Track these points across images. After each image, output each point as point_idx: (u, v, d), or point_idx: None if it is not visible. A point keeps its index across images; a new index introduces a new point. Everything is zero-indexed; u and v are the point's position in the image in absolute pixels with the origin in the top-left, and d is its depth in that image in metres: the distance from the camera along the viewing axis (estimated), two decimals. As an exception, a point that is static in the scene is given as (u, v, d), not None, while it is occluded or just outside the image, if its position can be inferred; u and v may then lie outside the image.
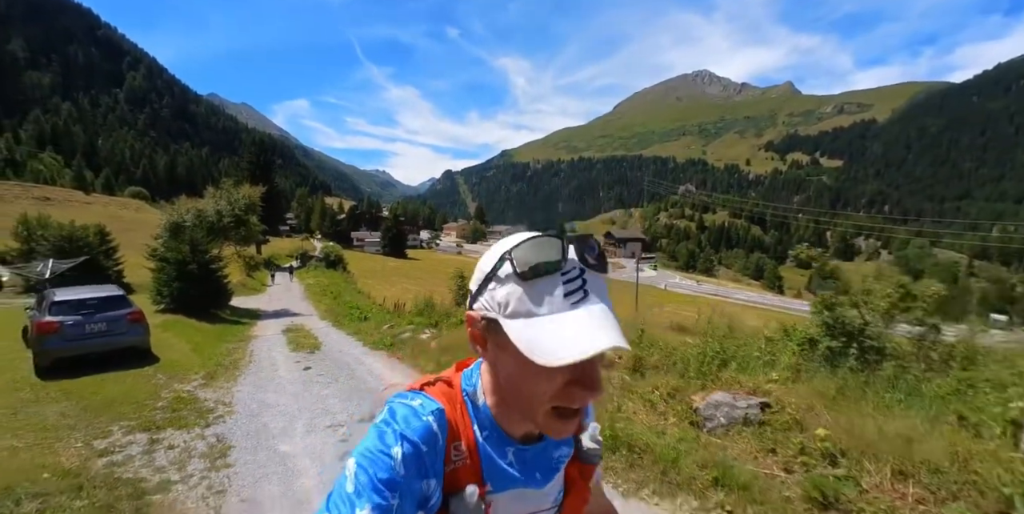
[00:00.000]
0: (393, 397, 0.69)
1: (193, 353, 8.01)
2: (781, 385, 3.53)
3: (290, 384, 6.27)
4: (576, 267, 0.59)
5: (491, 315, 0.61)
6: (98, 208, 63.30)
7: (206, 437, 4.35)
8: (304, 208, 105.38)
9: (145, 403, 5.26)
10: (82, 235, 15.48)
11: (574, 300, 0.57)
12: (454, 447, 0.66)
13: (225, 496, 3.25)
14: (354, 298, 17.88)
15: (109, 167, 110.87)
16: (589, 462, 0.81)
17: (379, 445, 0.60)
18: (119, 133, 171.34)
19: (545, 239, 0.59)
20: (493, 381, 0.68)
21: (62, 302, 6.83)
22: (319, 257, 35.14)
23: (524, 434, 0.72)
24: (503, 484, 0.70)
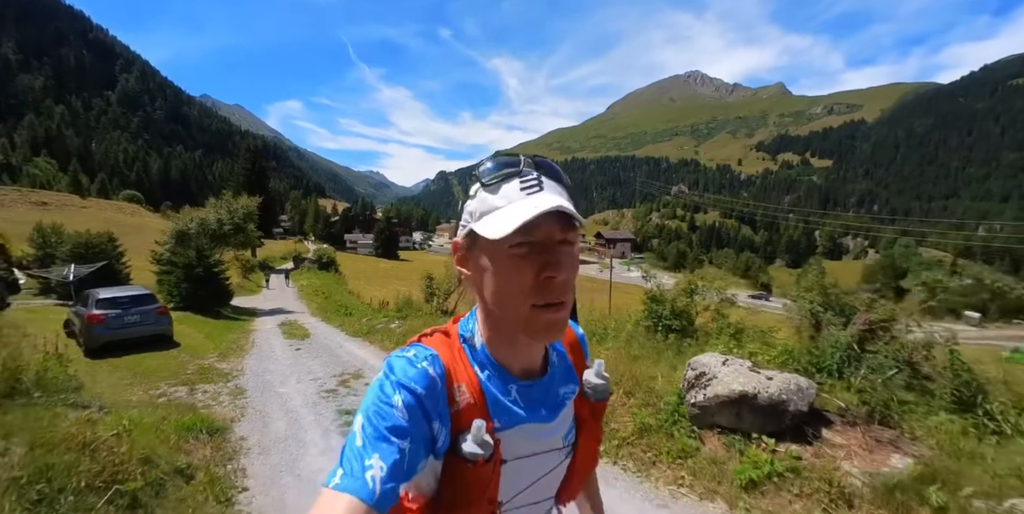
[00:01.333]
0: (391, 353, 0.72)
1: (206, 340, 9.69)
2: (614, 351, 5.07)
3: (284, 359, 8.01)
4: (533, 172, 0.66)
5: (467, 228, 0.68)
6: (95, 212, 64.15)
7: (228, 386, 6.24)
8: (298, 211, 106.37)
9: (178, 371, 6.94)
10: (97, 242, 17.03)
11: (530, 192, 0.64)
12: (457, 388, 0.69)
13: (245, 409, 5.22)
14: (343, 298, 19.29)
15: (103, 171, 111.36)
16: (598, 399, 0.82)
17: (381, 396, 0.63)
18: (112, 136, 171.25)
19: (504, 155, 0.68)
20: (481, 306, 0.72)
21: (105, 299, 8.53)
22: (312, 259, 36.20)
23: (523, 368, 0.75)
24: (509, 420, 0.71)
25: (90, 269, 14.25)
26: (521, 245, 0.62)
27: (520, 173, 0.66)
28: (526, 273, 0.62)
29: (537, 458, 0.76)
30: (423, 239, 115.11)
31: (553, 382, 0.78)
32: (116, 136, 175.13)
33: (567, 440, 0.79)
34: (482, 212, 0.66)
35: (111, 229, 36.64)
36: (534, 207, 0.60)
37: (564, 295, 0.64)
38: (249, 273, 29.20)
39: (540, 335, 0.67)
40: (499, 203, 0.64)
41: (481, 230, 0.63)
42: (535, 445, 0.75)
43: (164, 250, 17.85)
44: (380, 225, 77.77)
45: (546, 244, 0.62)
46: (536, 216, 0.59)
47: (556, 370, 0.80)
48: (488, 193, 0.66)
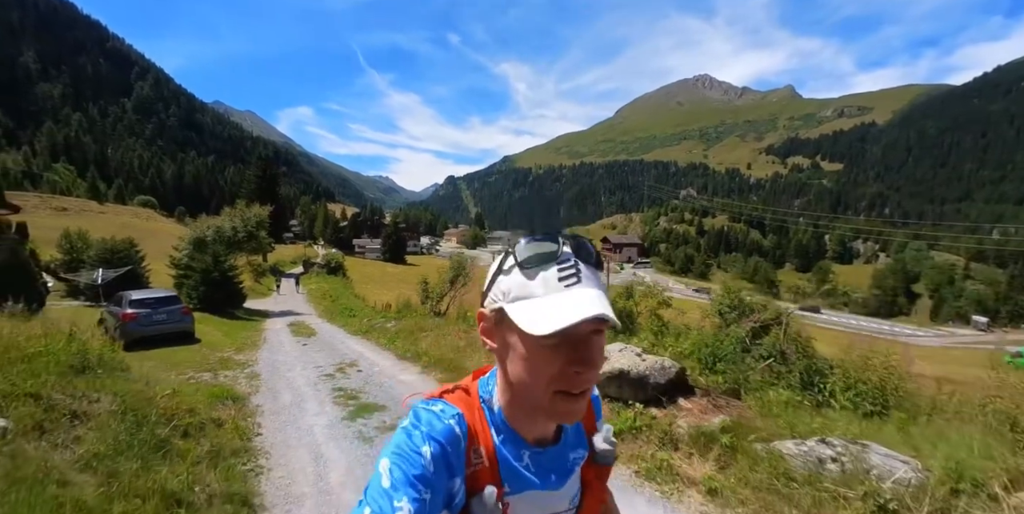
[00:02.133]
0: (416, 403, 0.75)
1: (224, 337, 10.88)
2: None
3: (292, 352, 9.29)
4: (571, 257, 0.67)
5: (498, 305, 0.68)
6: (111, 217, 66.22)
7: (244, 371, 7.48)
8: (308, 215, 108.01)
9: (202, 361, 8.13)
10: (121, 248, 18.43)
11: (568, 283, 0.64)
12: (473, 450, 0.71)
13: (259, 387, 6.41)
14: (349, 301, 20.41)
15: (119, 176, 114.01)
16: (604, 463, 0.85)
17: (410, 444, 0.65)
18: (128, 142, 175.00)
19: (543, 235, 0.69)
20: (503, 377, 0.74)
21: (136, 300, 9.78)
22: (321, 264, 37.33)
23: (537, 437, 0.77)
24: (520, 486, 0.73)
25: (117, 273, 15.51)
26: (553, 336, 0.62)
27: (558, 258, 0.66)
28: (554, 365, 0.64)
29: None
30: (431, 243, 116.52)
31: (565, 448, 0.80)
32: (131, 142, 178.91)
33: (573, 503, 0.81)
34: (517, 296, 0.66)
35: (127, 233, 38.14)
36: (575, 309, 0.61)
37: (588, 386, 0.66)
38: (261, 277, 30.46)
39: (558, 419, 0.71)
40: (536, 291, 0.65)
41: (517, 318, 0.64)
42: (542, 510, 0.77)
43: (182, 256, 19.31)
44: (388, 230, 79.08)
45: (578, 339, 0.63)
46: (578, 322, 0.60)
47: (568, 436, 0.81)
48: (524, 276, 0.66)
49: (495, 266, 0.71)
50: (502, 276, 0.69)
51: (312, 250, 64.24)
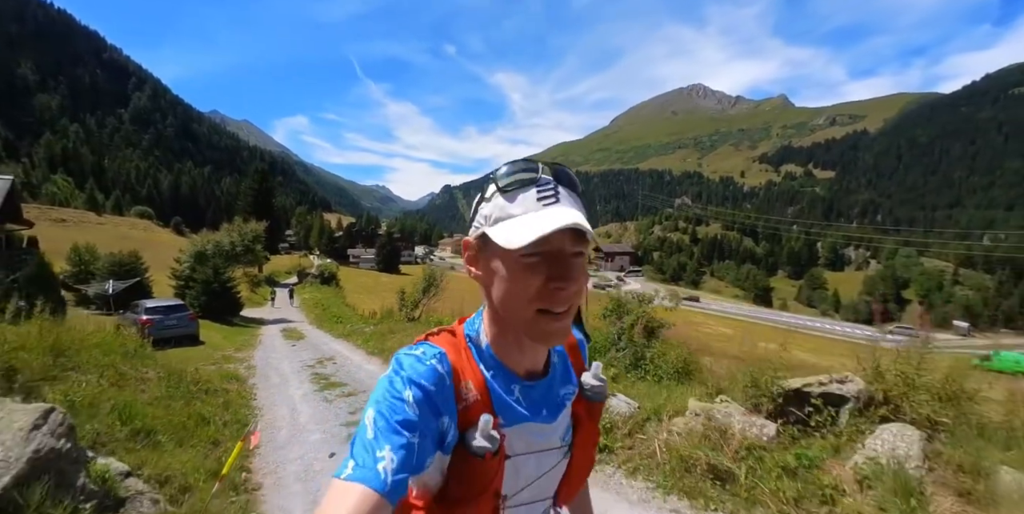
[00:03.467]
0: (399, 350, 0.75)
1: (224, 340, 12.52)
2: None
3: (283, 350, 11.12)
4: (551, 181, 0.69)
5: (480, 230, 0.71)
6: (110, 228, 67.29)
7: (243, 364, 9.18)
8: (303, 226, 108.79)
9: (208, 357, 9.74)
10: (128, 261, 20.07)
11: (546, 203, 0.67)
12: (464, 386, 0.71)
13: (255, 374, 8.07)
14: (338, 309, 21.81)
15: (116, 187, 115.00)
16: (595, 400, 0.86)
17: (391, 391, 0.66)
18: (125, 153, 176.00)
19: (523, 161, 0.70)
20: (489, 306, 0.75)
21: (151, 307, 11.51)
22: (315, 274, 38.50)
23: (527, 370, 0.78)
24: (512, 418, 0.74)
25: (127, 284, 17.07)
26: (533, 255, 0.64)
27: (538, 181, 0.68)
28: (535, 281, 0.65)
29: (537, 456, 0.78)
30: (425, 253, 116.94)
31: (554, 383, 0.81)
32: (129, 153, 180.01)
33: (564, 440, 0.82)
34: (497, 217, 0.68)
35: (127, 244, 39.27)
36: (551, 221, 0.62)
37: (569, 303, 0.67)
38: (256, 287, 31.76)
39: (542, 340, 0.71)
40: (515, 211, 0.67)
41: (495, 236, 0.66)
42: (535, 443, 0.78)
43: (184, 268, 21.08)
44: (382, 240, 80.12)
45: (557, 256, 0.65)
46: (552, 231, 0.61)
47: (557, 371, 0.83)
48: (504, 199, 0.68)
49: (479, 196, 0.73)
50: (484, 203, 0.71)
51: (307, 260, 65.22)
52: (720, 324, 53.46)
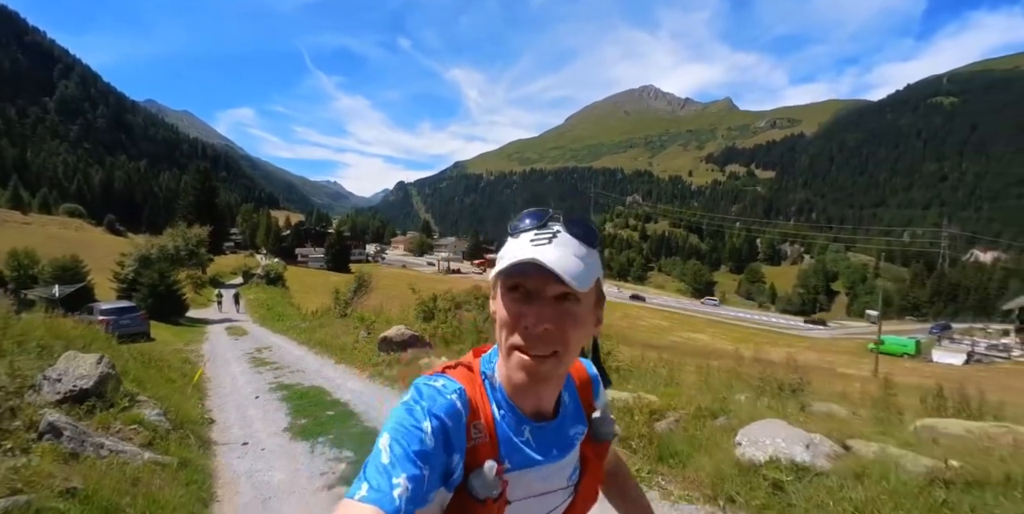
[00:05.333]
0: (418, 379, 0.75)
1: (173, 336, 13.84)
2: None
3: (227, 343, 12.64)
4: (555, 227, 0.71)
5: (493, 272, 0.72)
6: (38, 229, 63.10)
7: (193, 353, 10.75)
8: (249, 224, 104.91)
9: (163, 351, 10.58)
10: (71, 265, 20.31)
11: (536, 243, 0.68)
12: (474, 425, 0.71)
13: (204, 359, 9.75)
14: (282, 309, 22.54)
15: (41, 182, 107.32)
16: (603, 439, 0.86)
17: (410, 420, 0.65)
18: (50, 146, 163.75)
19: (539, 210, 0.74)
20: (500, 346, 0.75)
21: (107, 309, 12.73)
22: (260, 275, 37.90)
23: (536, 410, 0.78)
24: (520, 461, 0.74)
25: (73, 288, 18.04)
26: (516, 289, 0.67)
27: (541, 227, 0.71)
28: (513, 317, 0.67)
29: (541, 498, 0.78)
30: (377, 251, 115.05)
31: (564, 423, 0.80)
32: (55, 146, 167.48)
33: (571, 480, 0.82)
34: (500, 256, 0.71)
35: (58, 246, 37.39)
36: (522, 254, 0.65)
37: (539, 347, 0.67)
38: (200, 289, 31.52)
39: (514, 374, 0.70)
40: (510, 250, 0.69)
41: (495, 270, 0.70)
42: (541, 486, 0.77)
43: (128, 271, 21.86)
44: (331, 239, 78.88)
45: (534, 294, 0.66)
46: (514, 263, 0.65)
47: (567, 411, 0.82)
48: (510, 242, 0.71)
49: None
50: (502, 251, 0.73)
51: (253, 260, 63.36)
52: (658, 317, 56.46)
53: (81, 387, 3.85)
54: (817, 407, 4.25)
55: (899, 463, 2.78)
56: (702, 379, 6.30)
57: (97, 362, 4.18)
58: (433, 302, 9.54)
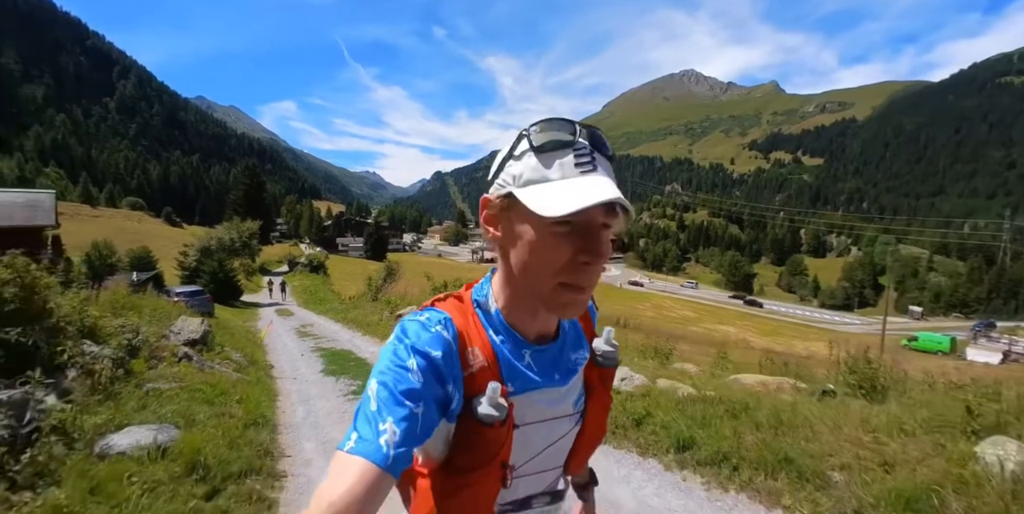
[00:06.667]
0: (404, 317, 0.73)
1: (232, 316, 16.14)
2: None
3: (277, 321, 14.84)
4: (587, 146, 0.64)
5: (506, 190, 0.66)
6: (106, 221, 69.01)
7: (255, 325, 13.78)
8: (293, 215, 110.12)
9: (228, 324, 12.92)
10: (144, 255, 23.45)
11: (584, 169, 0.62)
12: (470, 352, 0.69)
13: (267, 330, 12.19)
14: (324, 294, 25.08)
15: (106, 178, 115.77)
16: (607, 366, 0.84)
17: (394, 359, 0.63)
18: (112, 143, 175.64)
19: (559, 120, 0.65)
20: (505, 269, 0.71)
21: (180, 292, 15.09)
22: (304, 263, 40.77)
23: (537, 334, 0.75)
24: (523, 385, 0.71)
25: (147, 275, 21.19)
26: (564, 224, 0.61)
27: (575, 145, 0.64)
28: (563, 253, 0.62)
29: (548, 424, 0.76)
30: (413, 241, 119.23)
31: (565, 347, 0.79)
32: (116, 143, 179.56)
33: (577, 407, 0.80)
34: (529, 179, 0.64)
35: (124, 236, 41.46)
36: (591, 192, 0.59)
37: (592, 279, 0.65)
38: (251, 276, 34.63)
39: (558, 312, 0.68)
40: (552, 175, 0.62)
41: (528, 201, 0.62)
42: (547, 411, 0.75)
43: (191, 260, 25.07)
44: (370, 229, 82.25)
45: (589, 228, 0.62)
46: (594, 204, 0.58)
47: (567, 336, 0.80)
48: (539, 160, 0.64)
49: (505, 150, 0.68)
50: (512, 160, 0.66)
51: (297, 249, 67.22)
52: (686, 308, 56.86)
53: (193, 337, 5.91)
54: (676, 366, 5.87)
55: (674, 390, 4.38)
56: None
57: (200, 323, 6.21)
58: (444, 287, 11.33)
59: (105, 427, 2.95)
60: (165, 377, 4.25)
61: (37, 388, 2.81)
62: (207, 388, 4.30)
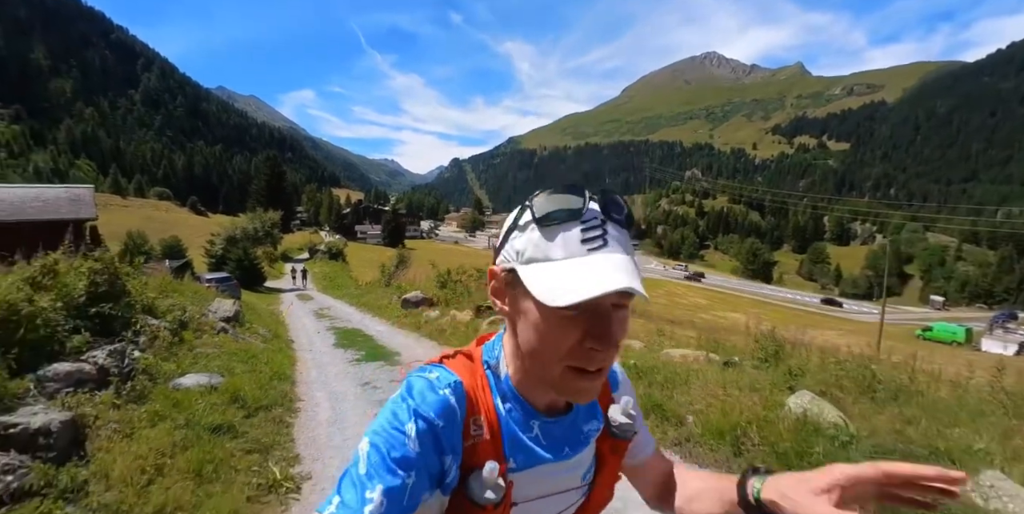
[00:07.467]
0: (412, 371, 0.68)
1: (257, 300, 17.53)
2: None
3: (298, 304, 16.20)
4: (597, 217, 0.58)
5: (510, 265, 0.61)
6: (135, 210, 72.15)
7: (277, 308, 14.94)
8: (313, 203, 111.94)
9: (254, 306, 14.16)
10: (175, 243, 25.12)
11: (592, 246, 0.56)
12: (473, 421, 0.64)
13: (288, 311, 13.99)
14: (342, 280, 26.59)
15: (134, 169, 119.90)
16: (621, 437, 0.77)
17: (393, 421, 0.59)
18: (139, 135, 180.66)
19: (566, 187, 0.59)
20: (512, 343, 0.66)
21: (209, 278, 16.48)
22: (323, 250, 42.52)
23: (549, 405, 0.69)
24: (527, 460, 0.66)
25: (179, 263, 22.32)
26: (571, 307, 0.54)
27: (582, 216, 0.57)
28: (569, 338, 0.57)
29: (551, 499, 0.70)
30: (430, 228, 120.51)
31: (578, 419, 0.72)
32: (142, 134, 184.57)
33: (585, 479, 0.74)
34: (532, 257, 0.58)
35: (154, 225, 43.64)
36: (599, 279, 0.53)
37: (605, 364, 0.59)
38: (273, 263, 36.29)
39: (569, 397, 0.64)
40: (555, 254, 0.57)
41: (529, 283, 0.57)
42: (551, 485, 0.69)
43: (218, 249, 26.72)
44: (387, 216, 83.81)
45: (599, 311, 0.56)
46: (600, 296, 0.52)
47: (580, 406, 0.73)
48: (541, 234, 0.58)
49: (510, 220, 0.63)
50: (517, 232, 0.61)
51: (317, 237, 69.19)
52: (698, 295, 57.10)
53: (227, 315, 7.14)
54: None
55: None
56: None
57: (232, 304, 7.45)
58: (447, 274, 12.41)
59: (173, 373, 4.20)
60: (208, 345, 5.43)
61: (128, 344, 4.01)
62: (241, 353, 5.53)
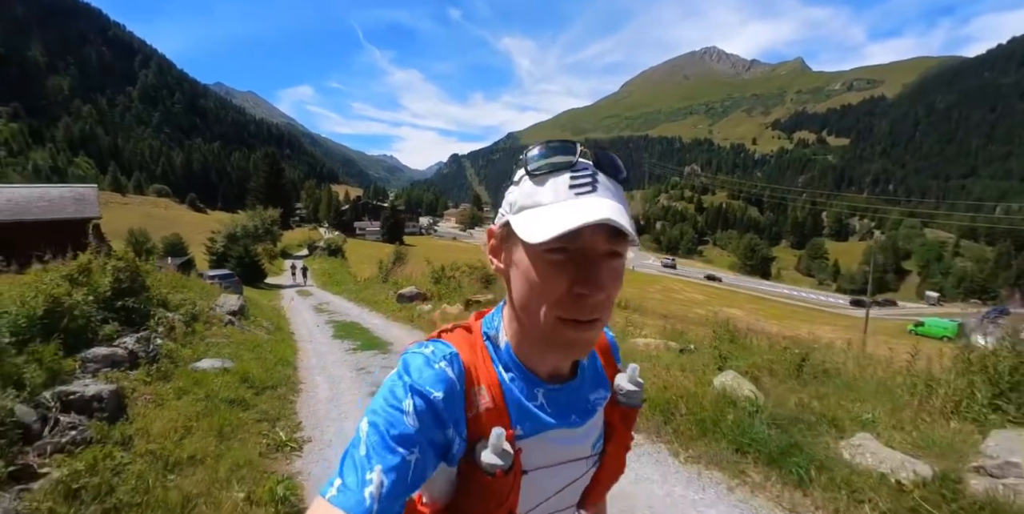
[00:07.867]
0: (409, 348, 0.67)
1: (258, 296, 17.94)
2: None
3: (298, 300, 16.68)
4: (588, 167, 0.58)
5: (504, 218, 0.62)
6: (135, 207, 72.81)
7: (278, 304, 15.21)
8: (312, 199, 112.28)
9: (256, 302, 14.67)
10: (177, 241, 25.55)
11: (580, 191, 0.56)
12: (475, 391, 0.64)
13: (289, 306, 14.60)
14: (341, 276, 27.15)
15: (133, 166, 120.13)
16: (630, 405, 0.77)
17: (390, 399, 0.59)
18: (137, 132, 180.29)
19: (559, 142, 0.59)
20: (509, 302, 0.66)
21: (212, 275, 17.09)
22: (323, 247, 43.05)
23: (551, 372, 0.69)
24: (534, 427, 0.66)
25: (181, 260, 23.13)
26: (559, 250, 0.55)
27: (573, 166, 0.58)
28: (558, 283, 0.56)
29: (561, 467, 0.69)
30: (429, 224, 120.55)
31: (583, 386, 0.72)
32: (140, 132, 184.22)
33: (595, 448, 0.74)
34: (522, 206, 0.59)
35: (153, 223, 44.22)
36: (581, 213, 0.53)
37: (596, 313, 0.58)
38: (273, 260, 36.89)
39: (559, 350, 0.63)
40: (543, 199, 0.57)
41: (517, 227, 0.58)
42: (560, 454, 0.69)
43: (219, 246, 27.21)
44: (386, 213, 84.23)
45: (587, 255, 0.56)
46: (581, 226, 0.52)
47: (586, 374, 0.74)
48: (533, 184, 0.59)
49: (509, 180, 0.64)
50: (512, 187, 0.62)
51: (316, 233, 69.72)
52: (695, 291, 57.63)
53: (233, 309, 7.71)
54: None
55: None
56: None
57: (238, 298, 8.03)
58: (441, 270, 13.01)
59: (190, 358, 4.80)
60: (218, 335, 6.00)
61: (152, 333, 4.59)
62: (247, 342, 6.12)
